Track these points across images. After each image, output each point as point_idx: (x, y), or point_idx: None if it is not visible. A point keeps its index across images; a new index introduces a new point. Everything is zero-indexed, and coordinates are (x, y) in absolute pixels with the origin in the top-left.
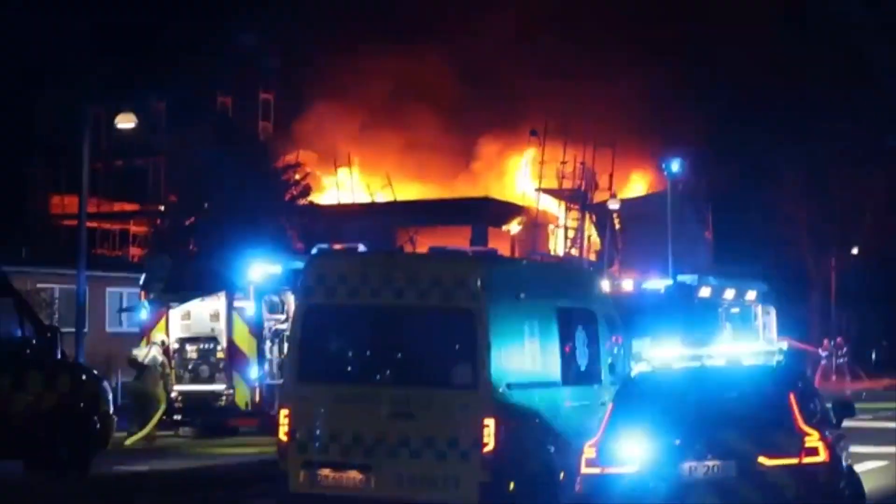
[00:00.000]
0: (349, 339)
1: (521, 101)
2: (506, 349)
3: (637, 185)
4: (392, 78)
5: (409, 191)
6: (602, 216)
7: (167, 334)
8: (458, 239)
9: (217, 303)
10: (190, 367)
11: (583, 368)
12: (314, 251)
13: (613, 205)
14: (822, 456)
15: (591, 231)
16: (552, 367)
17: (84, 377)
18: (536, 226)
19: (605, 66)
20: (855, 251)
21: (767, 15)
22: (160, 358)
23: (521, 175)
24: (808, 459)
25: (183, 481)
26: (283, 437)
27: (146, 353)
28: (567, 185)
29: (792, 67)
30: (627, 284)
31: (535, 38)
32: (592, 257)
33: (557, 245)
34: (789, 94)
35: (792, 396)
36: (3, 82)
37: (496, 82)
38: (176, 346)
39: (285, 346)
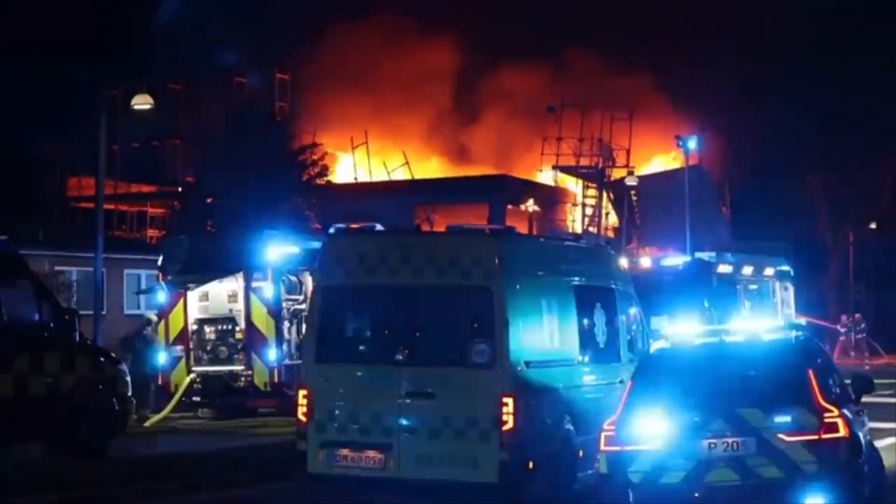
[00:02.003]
0: (367, 318)
1: (539, 76)
2: (524, 327)
3: (655, 161)
4: (408, 56)
5: (427, 169)
6: (620, 193)
7: (185, 316)
8: (475, 217)
9: (235, 284)
10: (208, 348)
11: (601, 346)
12: (331, 231)
13: (631, 181)
14: (842, 432)
15: (608, 208)
16: (570, 344)
17: (102, 359)
18: (554, 203)
19: (622, 41)
20: (873, 226)
21: None
22: (150, 335)
23: (539, 152)
24: (827, 435)
25: (201, 463)
26: (301, 417)
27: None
28: (584, 162)
29: (810, 40)
30: (645, 261)
31: (552, 15)
32: (610, 234)
33: (575, 222)
34: (808, 66)
35: (811, 372)
36: (19, 64)
37: (513, 59)
38: (194, 327)
39: (303, 326)
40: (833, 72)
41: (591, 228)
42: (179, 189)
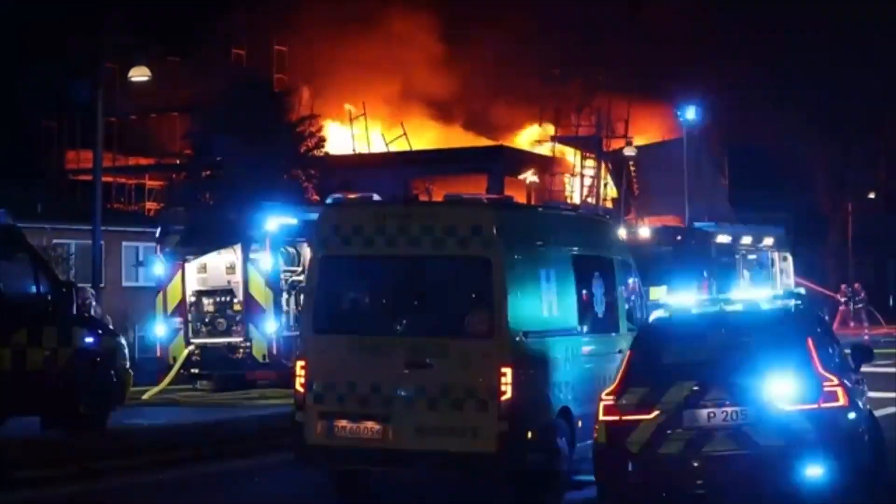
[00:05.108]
0: (365, 289)
1: (537, 46)
2: (522, 297)
3: (653, 131)
4: (404, 28)
5: (425, 140)
6: (618, 163)
7: (183, 288)
8: (474, 188)
9: (233, 255)
10: (206, 320)
11: (600, 316)
12: (329, 201)
13: (629, 152)
14: (841, 401)
15: (607, 178)
16: (569, 314)
17: (100, 332)
18: (552, 174)
19: (620, 11)
20: (872, 196)
21: None
22: (100, 310)
23: (537, 123)
24: (826, 404)
25: (200, 435)
26: (299, 388)
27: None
28: (583, 132)
29: (811, 11)
30: (644, 231)
31: None
32: (609, 205)
33: (574, 193)
34: (807, 37)
35: (810, 341)
36: (18, 37)
37: (510, 28)
38: (192, 299)
39: (301, 297)
40: (832, 42)
41: (589, 199)
42: (177, 161)
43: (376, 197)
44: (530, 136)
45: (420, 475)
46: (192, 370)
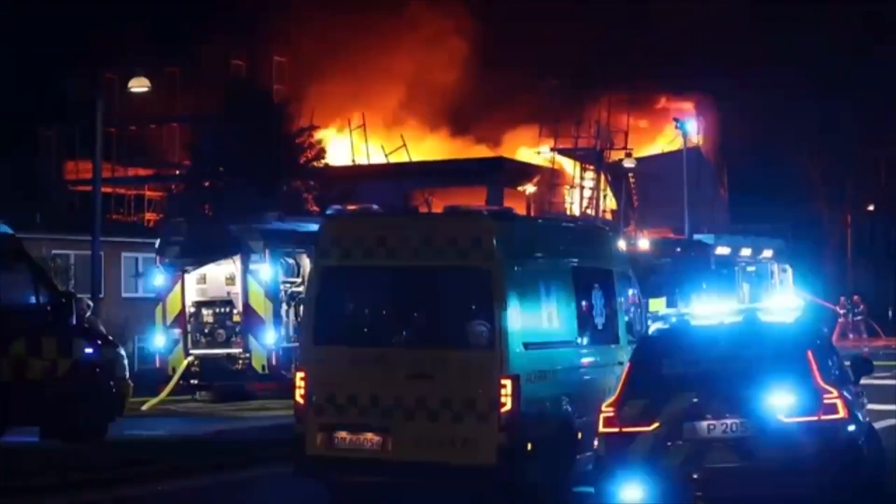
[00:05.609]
0: (365, 300)
1: (537, 57)
2: (522, 309)
3: (653, 143)
4: (402, 40)
5: (424, 151)
6: (617, 175)
7: (183, 298)
8: (473, 199)
9: (232, 266)
10: (206, 330)
11: (600, 328)
12: (329, 212)
13: (629, 164)
14: (841, 413)
15: (606, 190)
16: (569, 326)
17: (100, 343)
18: (552, 186)
19: (619, 21)
20: (871, 208)
21: None
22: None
23: (536, 134)
24: (826, 416)
25: (199, 446)
26: (299, 400)
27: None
28: (582, 144)
29: (807, 23)
30: (643, 243)
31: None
32: (608, 217)
33: (573, 205)
34: (805, 50)
35: (810, 353)
36: (17, 46)
37: (512, 38)
38: (192, 310)
39: (301, 308)
40: (831, 52)
41: (589, 211)
42: (177, 172)
43: (376, 208)
44: (530, 148)
45: (419, 487)
46: (192, 381)
